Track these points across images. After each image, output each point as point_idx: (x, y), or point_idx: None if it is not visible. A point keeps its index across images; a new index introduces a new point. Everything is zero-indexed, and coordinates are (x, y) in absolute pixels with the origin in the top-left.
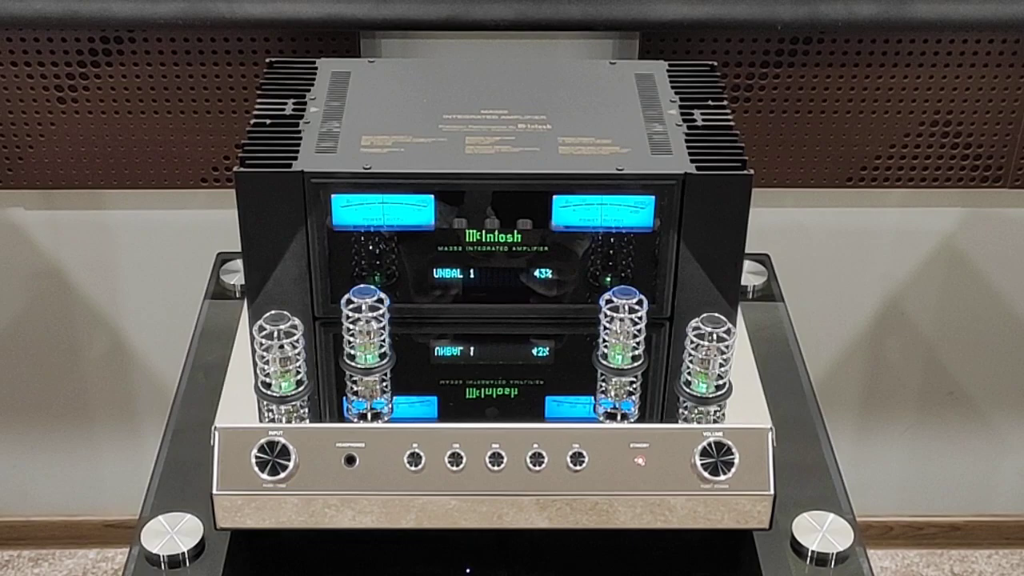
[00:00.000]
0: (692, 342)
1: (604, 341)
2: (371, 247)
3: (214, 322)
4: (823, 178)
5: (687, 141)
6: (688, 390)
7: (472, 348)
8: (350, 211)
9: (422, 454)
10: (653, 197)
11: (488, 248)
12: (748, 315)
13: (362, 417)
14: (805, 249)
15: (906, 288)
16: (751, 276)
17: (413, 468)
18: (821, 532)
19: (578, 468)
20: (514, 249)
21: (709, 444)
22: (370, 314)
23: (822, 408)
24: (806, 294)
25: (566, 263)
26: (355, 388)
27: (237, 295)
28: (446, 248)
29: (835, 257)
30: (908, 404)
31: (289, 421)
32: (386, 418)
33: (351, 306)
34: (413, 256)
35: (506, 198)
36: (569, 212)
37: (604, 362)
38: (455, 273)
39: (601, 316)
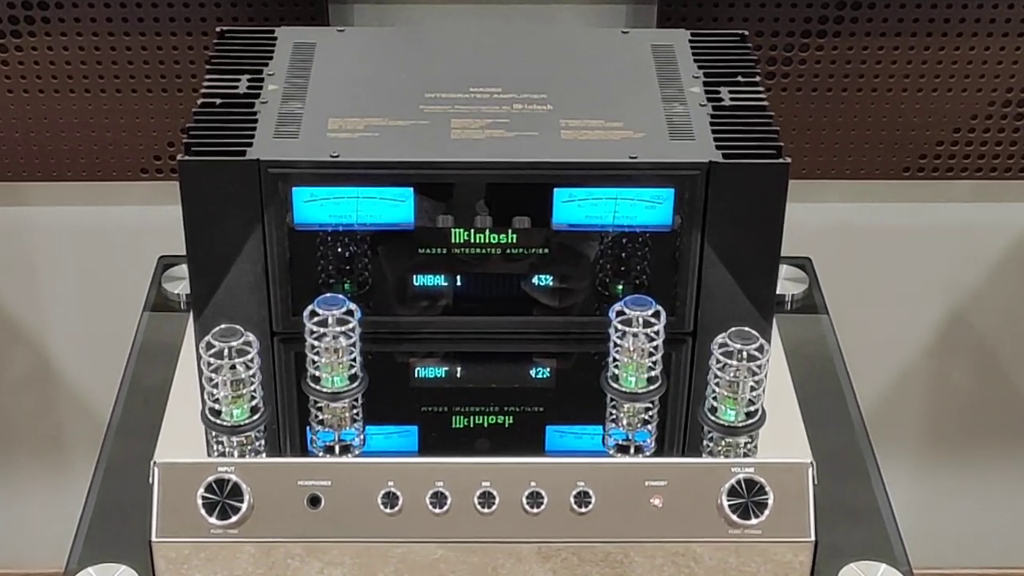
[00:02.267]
0: (718, 361)
1: (615, 360)
2: (339, 249)
3: (154, 338)
4: (874, 168)
5: (712, 124)
6: (714, 418)
7: (459, 368)
8: (314, 207)
9: (399, 494)
10: (672, 190)
11: (478, 250)
12: (785, 329)
13: (329, 450)
14: (853, 252)
15: (975, 298)
16: (789, 284)
17: (389, 510)
18: None
19: (584, 510)
20: (509, 252)
21: (739, 482)
22: (338, 328)
23: (873, 440)
24: (854, 305)
25: (570, 268)
26: (320, 416)
27: (182, 306)
28: (429, 250)
29: (889, 261)
30: (977, 436)
31: (242, 455)
32: (357, 451)
33: (316, 319)
34: (390, 260)
35: (499, 191)
36: (573, 208)
37: (615, 385)
38: (439, 280)
39: (611, 330)
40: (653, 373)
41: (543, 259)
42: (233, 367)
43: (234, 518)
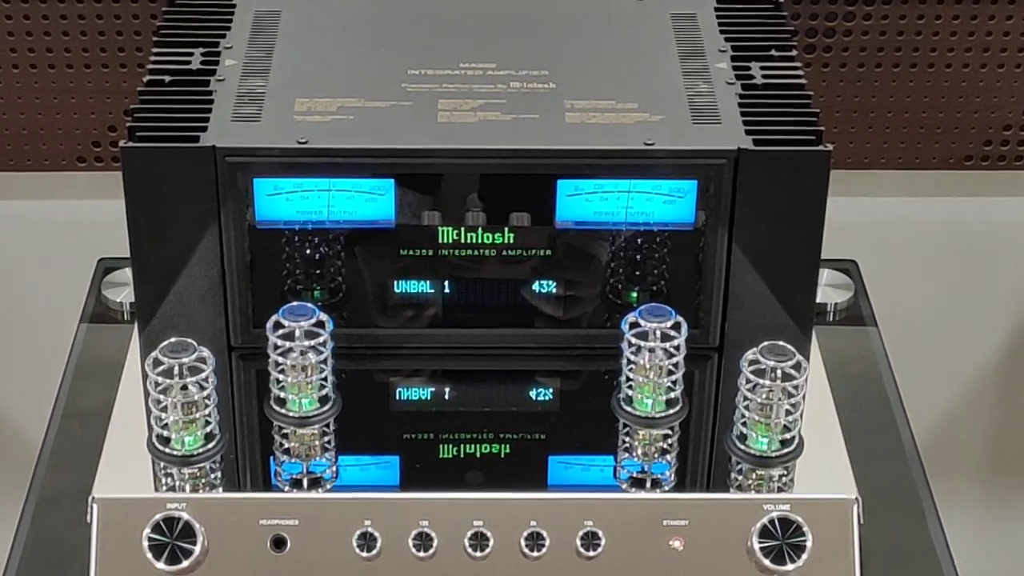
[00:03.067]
0: (749, 381)
1: (628, 380)
2: (308, 251)
3: (93, 353)
4: (931, 156)
5: (742, 105)
6: (743, 447)
7: (447, 389)
8: (279, 201)
9: (377, 535)
10: (694, 182)
11: (469, 252)
12: (826, 344)
13: (296, 484)
14: (906, 254)
15: None
16: (831, 291)
17: (365, 554)
18: None
19: (592, 554)
20: (505, 253)
21: (772, 521)
22: (307, 343)
23: (929, 472)
24: (908, 315)
25: (576, 273)
26: (286, 444)
27: (125, 316)
28: (412, 252)
29: (949, 265)
30: None
31: (195, 490)
32: (328, 485)
33: (281, 332)
34: (367, 263)
35: (494, 183)
36: (580, 203)
37: (628, 408)
38: (424, 286)
39: (624, 345)
40: (673, 395)
41: (545, 262)
42: (184, 387)
43: (185, 563)
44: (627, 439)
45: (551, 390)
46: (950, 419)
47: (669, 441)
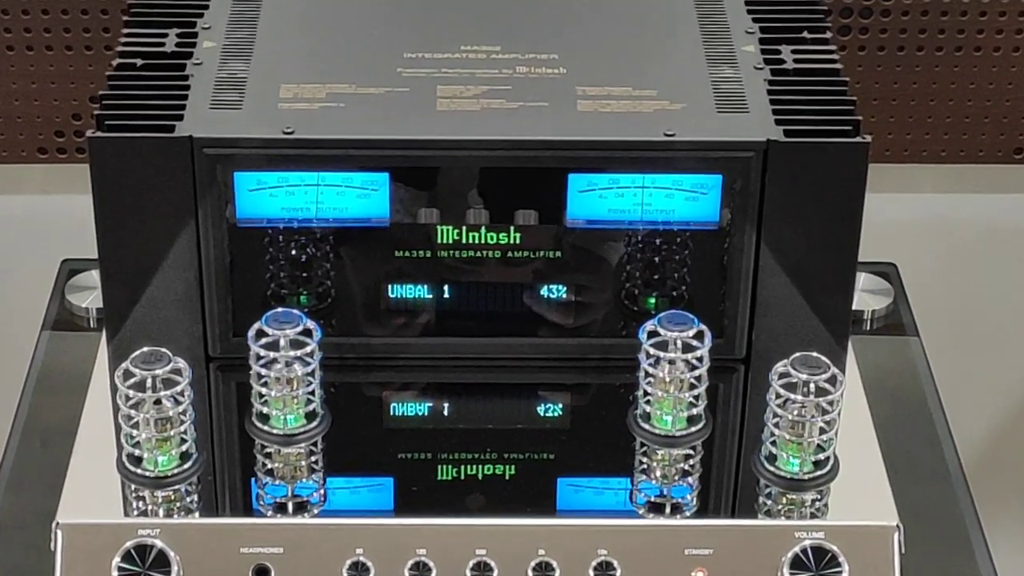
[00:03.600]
0: (779, 396)
1: (646, 394)
2: (294, 252)
3: (56, 364)
4: (977, 149)
5: (771, 93)
6: (773, 468)
7: (446, 404)
8: (262, 197)
9: (370, 564)
10: (719, 176)
11: (471, 253)
12: (863, 356)
13: (280, 508)
14: (950, 256)
15: None
16: (869, 297)
17: None
18: None
19: None
20: (510, 255)
21: (804, 550)
22: (292, 353)
23: (976, 497)
24: (952, 324)
25: (588, 276)
26: (270, 465)
27: (91, 324)
28: (408, 253)
29: (997, 268)
30: None
31: (169, 514)
32: (316, 510)
33: (264, 341)
34: (358, 265)
35: (498, 178)
36: (593, 199)
37: (646, 426)
38: (421, 291)
39: (642, 356)
40: (695, 411)
41: (553, 265)
42: (158, 402)
43: None
44: (644, 460)
45: (560, 405)
46: (999, 438)
47: (691, 462)
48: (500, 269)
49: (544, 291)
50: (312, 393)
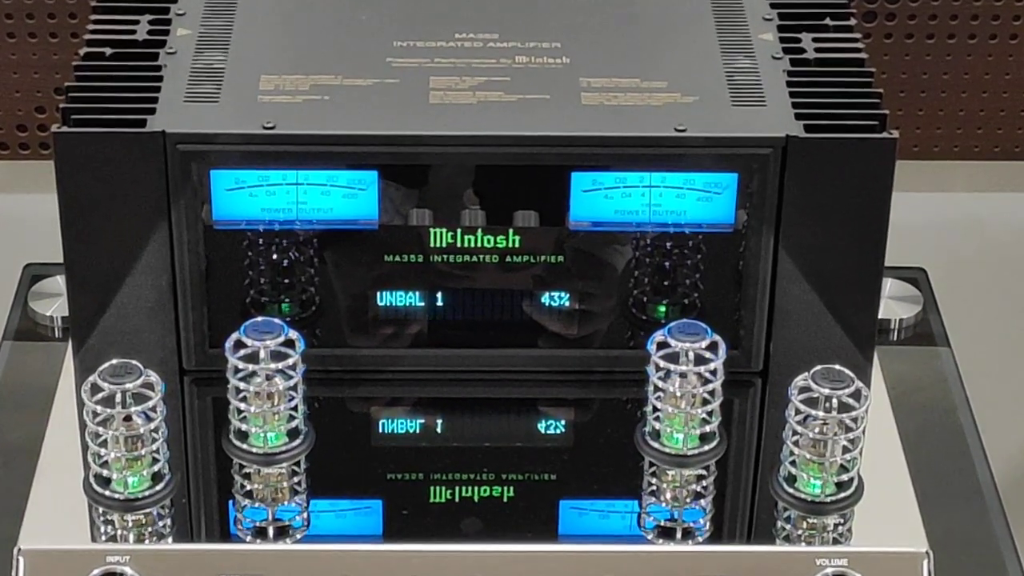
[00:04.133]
0: (799, 412)
1: (655, 410)
2: (276, 256)
3: (18, 378)
4: (1012, 145)
5: (791, 84)
6: (792, 490)
7: (439, 421)
8: (241, 197)
9: None
10: (735, 175)
11: (466, 258)
12: (889, 367)
13: (260, 533)
14: (985, 261)
15: None
16: (896, 304)
17: None
18: None
19: None
20: (509, 260)
21: None
22: (273, 365)
23: (1012, 521)
24: (987, 333)
25: (593, 283)
26: (249, 486)
27: (56, 334)
28: (398, 257)
29: None
30: None
31: (140, 539)
32: (299, 535)
33: (243, 352)
34: (345, 270)
35: (495, 177)
36: (598, 199)
37: (655, 444)
38: (412, 298)
39: (651, 369)
40: (708, 428)
41: (556, 270)
42: (128, 419)
43: None
44: (654, 481)
45: (563, 422)
46: None
47: (704, 483)
48: (498, 275)
49: (545, 299)
50: (295, 409)
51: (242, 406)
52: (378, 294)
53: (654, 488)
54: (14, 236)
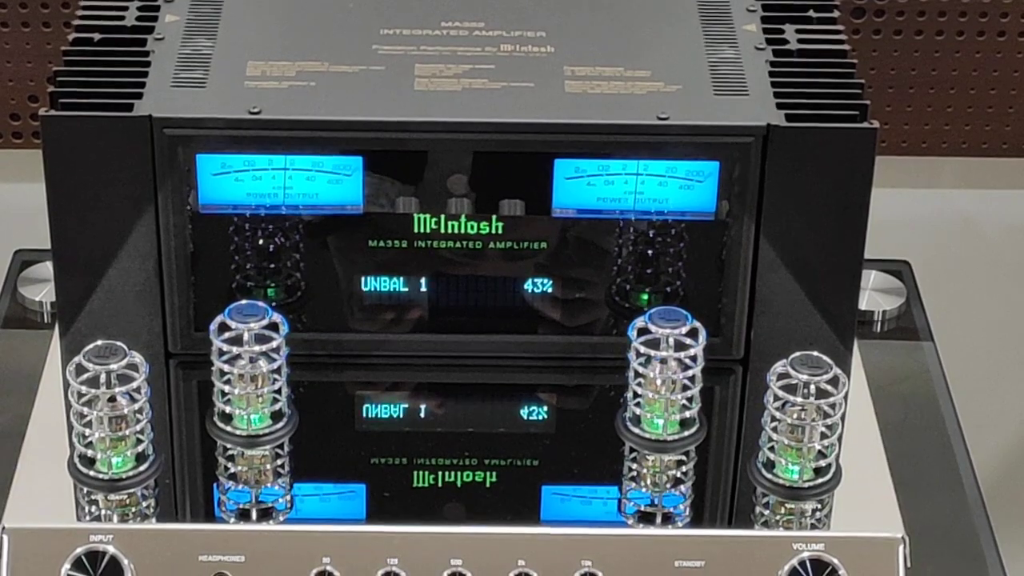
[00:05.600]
0: (777, 398)
1: (636, 396)
2: (261, 241)
3: (6, 361)
4: (1000, 141)
5: (773, 74)
6: (771, 476)
7: (423, 406)
8: (227, 181)
9: (337, 574)
10: (716, 163)
11: (451, 244)
12: (871, 358)
13: (243, 515)
14: (969, 255)
15: None
16: (878, 296)
17: None
18: None
19: None
20: (494, 246)
21: (803, 563)
22: (258, 348)
23: (991, 510)
24: (969, 327)
25: (577, 269)
26: (232, 468)
27: (44, 318)
28: (383, 243)
29: (1018, 268)
30: None
31: (124, 519)
32: (281, 517)
33: (227, 335)
34: (330, 256)
35: (481, 164)
36: (581, 187)
37: (636, 429)
38: (397, 284)
39: (631, 355)
40: (688, 414)
41: (540, 257)
42: (112, 399)
43: None
44: (634, 466)
45: (546, 408)
46: (1017, 449)
47: (683, 469)
48: (483, 262)
49: (529, 285)
50: (278, 391)
51: (226, 388)
52: (363, 279)
53: (634, 473)
54: (5, 223)
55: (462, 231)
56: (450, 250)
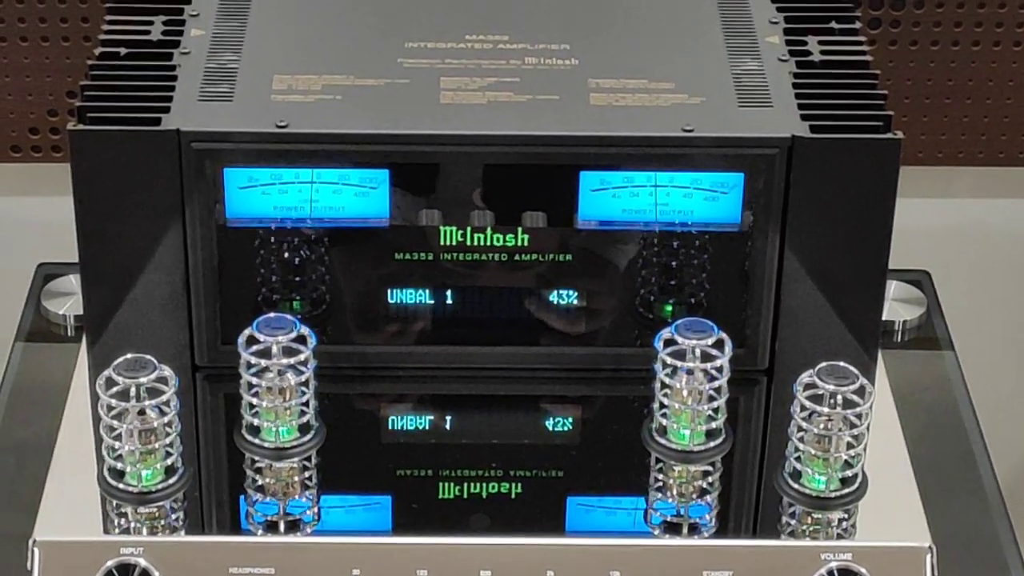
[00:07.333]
0: (804, 409)
1: (662, 407)
2: (287, 254)
3: (32, 375)
4: (1018, 150)
5: (797, 86)
6: (797, 486)
7: (448, 417)
8: (254, 195)
9: None
10: (741, 175)
11: (475, 256)
12: (894, 369)
13: (271, 527)
14: (988, 265)
15: None
16: (900, 306)
17: None
18: None
19: None
20: (517, 258)
21: (831, 572)
22: (285, 361)
23: (1014, 518)
24: (990, 336)
25: (600, 282)
26: (260, 480)
27: (70, 332)
28: (408, 256)
29: None
30: None
31: (153, 532)
32: (309, 529)
33: (255, 348)
34: (356, 268)
35: (505, 176)
36: (606, 199)
37: (662, 440)
38: (422, 296)
39: (658, 366)
40: (714, 425)
41: (564, 269)
42: (142, 412)
43: None
44: (660, 477)
45: (571, 419)
46: None
47: (710, 479)
48: (506, 273)
49: (553, 297)
50: (306, 404)
51: (254, 401)
52: (388, 292)
53: (660, 484)
54: (27, 237)
55: (487, 243)
56: (474, 263)
